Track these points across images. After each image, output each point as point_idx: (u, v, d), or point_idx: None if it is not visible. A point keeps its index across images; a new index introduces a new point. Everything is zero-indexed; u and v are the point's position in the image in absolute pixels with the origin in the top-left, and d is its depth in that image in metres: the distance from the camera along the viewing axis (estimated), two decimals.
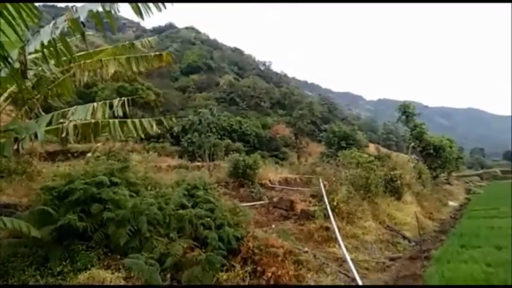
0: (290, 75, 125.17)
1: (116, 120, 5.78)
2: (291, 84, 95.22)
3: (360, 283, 7.79)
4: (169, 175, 11.45)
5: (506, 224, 13.28)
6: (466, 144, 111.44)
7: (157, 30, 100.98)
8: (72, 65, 5.73)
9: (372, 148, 50.72)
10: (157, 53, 6.54)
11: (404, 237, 12.93)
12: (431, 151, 31.17)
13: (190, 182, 8.55)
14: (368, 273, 8.82)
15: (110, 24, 4.28)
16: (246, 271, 6.74)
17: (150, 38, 6.96)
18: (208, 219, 7.25)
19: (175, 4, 4.74)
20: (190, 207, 7.37)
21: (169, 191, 7.79)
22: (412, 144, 31.74)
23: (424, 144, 31.42)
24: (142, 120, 5.99)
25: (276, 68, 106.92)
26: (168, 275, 5.88)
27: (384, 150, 50.22)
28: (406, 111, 33.22)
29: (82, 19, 3.91)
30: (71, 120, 5.52)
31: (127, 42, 6.65)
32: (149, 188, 7.84)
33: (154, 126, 6.00)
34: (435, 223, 17.03)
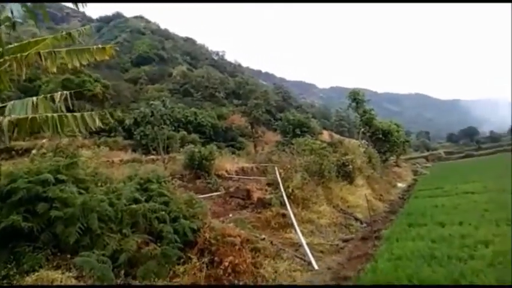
0: (244, 64, 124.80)
1: (55, 115, 5.51)
2: (246, 73, 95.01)
3: (316, 266, 8.07)
4: (121, 170, 11.13)
5: (449, 202, 14.23)
6: (413, 128, 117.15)
7: (104, 20, 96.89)
8: (6, 57, 5.36)
9: (325, 135, 52.00)
10: (100, 45, 6.27)
11: (356, 219, 13.47)
12: (380, 136, 32.47)
13: (143, 176, 8.38)
14: (323, 256, 9.12)
15: (44, 15, 4.05)
16: (203, 262, 6.77)
17: (86, 27, 6.66)
18: (163, 212, 7.16)
19: None
20: (143, 201, 7.24)
21: (121, 186, 7.59)
22: (362, 129, 32.91)
23: (374, 130, 32.65)
24: (85, 114, 5.75)
25: (229, 57, 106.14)
26: (122, 272, 5.75)
27: (337, 136, 51.68)
28: (356, 98, 34.24)
29: (14, 10, 3.68)
30: (5, 116, 5.18)
31: (64, 33, 6.32)
32: (99, 184, 7.57)
33: (97, 120, 5.78)
34: (385, 204, 17.84)
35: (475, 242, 7.88)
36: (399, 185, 27.03)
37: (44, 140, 10.34)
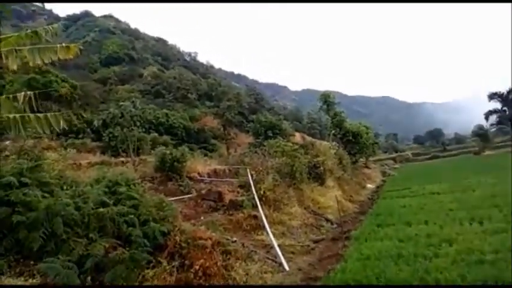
0: (217, 66, 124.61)
1: (18, 116, 5.30)
2: (218, 75, 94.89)
3: (287, 267, 8.12)
4: (89, 172, 10.83)
5: (416, 202, 14.68)
6: (381, 130, 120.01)
7: (72, 18, 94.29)
8: None
9: (297, 137, 52.51)
10: (63, 44, 6.09)
11: (327, 220, 13.65)
12: (350, 138, 33.09)
13: (112, 179, 8.17)
14: (294, 257, 9.19)
15: (6, 12, 3.89)
16: (173, 266, 6.67)
17: (54, 25, 6.44)
18: (132, 216, 7.00)
19: None
20: (111, 204, 7.03)
21: (88, 189, 7.37)
22: (333, 131, 33.46)
23: (344, 132, 33.24)
24: (48, 115, 5.56)
25: (202, 59, 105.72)
26: (89, 277, 5.59)
27: (309, 138, 52.26)
28: (327, 100, 34.79)
29: None
30: None
31: (29, 31, 6.10)
32: (65, 187, 7.33)
33: (62, 121, 5.60)
34: (355, 205, 18.16)
35: (439, 240, 8.16)
36: (368, 185, 27.63)
37: (7, 142, 9.94)
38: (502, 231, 8.20)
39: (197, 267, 6.65)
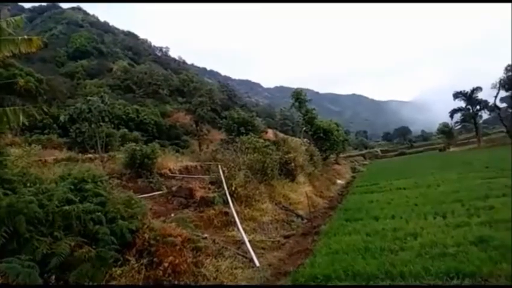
0: (189, 61, 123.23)
1: None
2: (190, 71, 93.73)
3: (257, 263, 8.16)
4: (54, 169, 10.50)
5: (384, 197, 15.08)
6: (352, 127, 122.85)
7: (38, 10, 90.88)
8: None
9: (270, 133, 52.55)
10: (26, 36, 5.84)
11: (298, 216, 13.82)
12: (322, 134, 33.52)
13: (78, 176, 7.94)
14: (265, 252, 9.25)
15: None
16: (141, 264, 6.56)
17: (17, 18, 6.18)
18: (99, 213, 6.82)
19: None
20: (77, 202, 6.84)
21: (53, 187, 7.14)
22: (304, 128, 33.81)
23: (315, 128, 33.63)
24: (7, 109, 5.34)
25: (173, 54, 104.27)
26: (53, 276, 5.43)
27: (281, 135, 52.50)
28: (299, 97, 35.08)
29: None
30: None
31: None
32: (28, 184, 7.08)
33: (21, 116, 5.39)
34: (325, 200, 18.46)
35: (405, 234, 8.41)
36: (339, 181, 28.15)
37: None
38: (464, 225, 8.53)
39: (166, 264, 6.57)
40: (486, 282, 5.30)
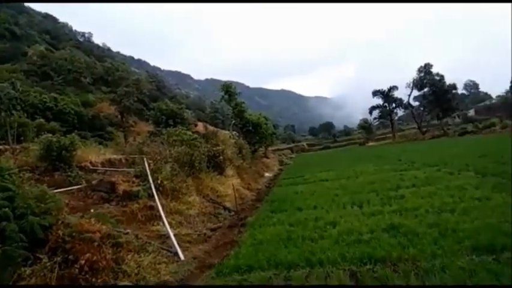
0: (114, 49, 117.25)
1: None
2: (116, 59, 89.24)
3: (182, 256, 8.05)
4: None
5: (308, 189, 15.69)
6: (281, 122, 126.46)
7: None
8: None
9: (200, 126, 52.34)
10: None
11: (225, 208, 13.86)
12: (251, 128, 33.97)
13: None
14: (190, 246, 9.15)
15: None
16: (55, 262, 6.13)
17: None
18: (6, 209, 6.24)
19: None
20: None
21: None
22: (234, 121, 34.01)
23: (244, 122, 33.97)
24: None
25: (97, 40, 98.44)
26: None
27: (211, 128, 52.42)
28: (229, 90, 35.10)
29: None
30: None
31: None
32: None
33: None
34: (253, 193, 18.74)
35: (325, 223, 8.82)
36: (266, 174, 28.77)
37: None
38: (377, 214, 9.16)
39: (83, 262, 6.20)
40: (395, 266, 5.71)
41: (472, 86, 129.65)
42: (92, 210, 9.69)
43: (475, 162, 16.21)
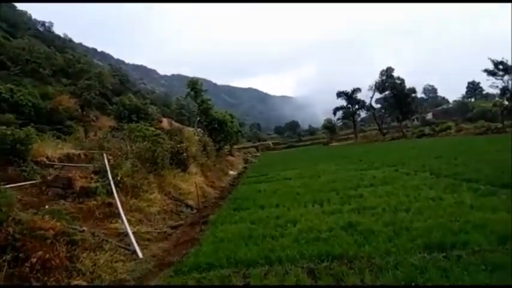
0: (76, 40, 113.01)
1: None
2: (78, 50, 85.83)
3: (140, 255, 7.89)
4: None
5: (271, 187, 15.80)
6: (247, 120, 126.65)
7: None
8: None
9: (165, 122, 51.33)
10: None
11: (187, 206, 13.72)
12: (216, 125, 33.83)
13: None
14: (149, 244, 8.98)
15: None
16: (4, 260, 5.84)
17: None
18: None
19: None
20: None
21: None
22: (199, 118, 33.73)
23: (210, 119, 33.80)
24: None
25: (58, 30, 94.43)
26: None
27: (176, 124, 51.64)
28: (195, 87, 34.78)
29: None
30: None
31: None
32: None
33: None
34: (216, 191, 18.67)
35: (286, 221, 8.91)
36: (231, 172, 28.75)
37: None
38: (337, 212, 9.37)
39: (34, 260, 5.94)
40: (351, 263, 5.85)
41: (430, 91, 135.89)
42: (46, 207, 9.30)
43: (431, 163, 16.96)
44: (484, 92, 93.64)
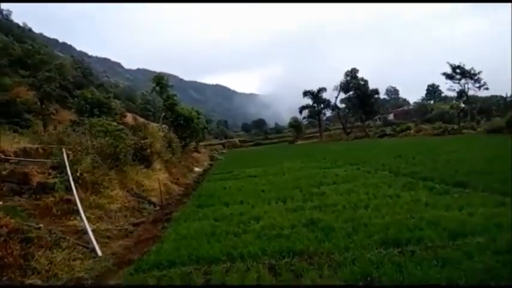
0: (36, 30, 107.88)
1: None
2: (38, 41, 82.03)
3: (99, 252, 7.70)
4: None
5: (236, 184, 15.84)
6: (214, 117, 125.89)
7: None
8: None
9: (129, 118, 50.11)
10: None
11: (150, 203, 13.49)
12: (182, 121, 33.42)
13: None
14: (109, 241, 8.77)
15: None
16: None
17: None
18: None
19: None
20: None
21: None
22: (164, 114, 33.19)
23: (176, 115, 33.33)
24: None
25: (17, 19, 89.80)
26: None
27: (141, 119, 50.53)
28: (160, 82, 34.17)
29: None
30: None
31: None
32: None
33: None
34: (181, 187, 18.46)
35: (249, 218, 8.97)
36: (196, 169, 28.53)
37: None
38: (299, 209, 9.54)
39: None
40: (311, 259, 5.97)
41: (392, 92, 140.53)
42: (0, 203, 8.89)
43: (390, 162, 17.58)
44: (442, 95, 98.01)
